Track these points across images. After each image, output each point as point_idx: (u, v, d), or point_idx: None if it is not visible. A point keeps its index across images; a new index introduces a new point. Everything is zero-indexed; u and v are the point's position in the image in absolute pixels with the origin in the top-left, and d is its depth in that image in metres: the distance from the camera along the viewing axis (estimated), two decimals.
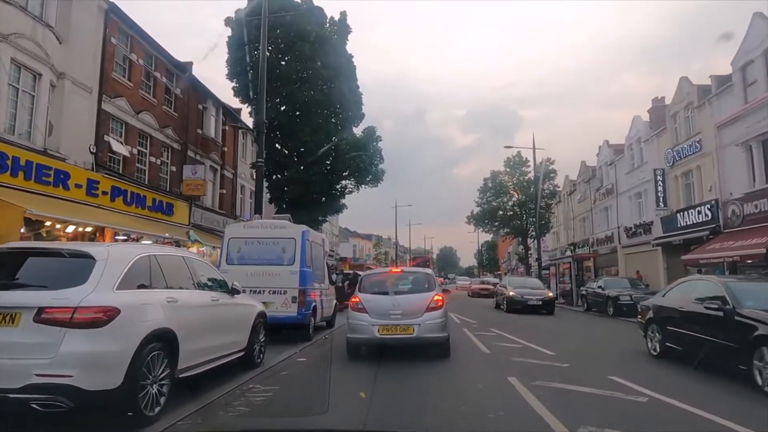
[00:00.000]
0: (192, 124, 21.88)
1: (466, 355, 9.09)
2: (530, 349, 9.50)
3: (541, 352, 9.07)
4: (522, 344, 10.21)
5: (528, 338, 10.94)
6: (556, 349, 9.44)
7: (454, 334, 10.09)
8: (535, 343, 10.14)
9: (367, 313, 8.43)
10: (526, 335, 11.59)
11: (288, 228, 10.91)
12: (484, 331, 12.67)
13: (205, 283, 6.18)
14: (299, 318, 10.30)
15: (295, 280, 10.37)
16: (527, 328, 13.77)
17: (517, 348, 9.80)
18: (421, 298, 8.61)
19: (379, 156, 22.90)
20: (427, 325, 8.27)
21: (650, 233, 27.21)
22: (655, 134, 26.76)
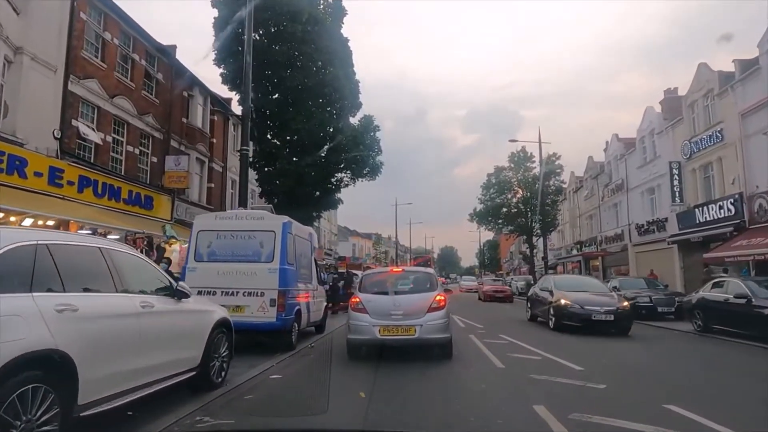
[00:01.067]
0: (176, 112, 20.38)
1: (475, 368, 7.59)
2: (552, 363, 7.97)
3: (566, 367, 7.55)
4: (541, 356, 8.67)
5: (546, 347, 9.41)
6: (583, 362, 7.91)
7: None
8: (556, 354, 8.62)
9: (367, 314, 8.21)
10: (542, 344, 10.08)
11: (267, 219, 9.39)
12: (493, 338, 11.14)
13: (134, 285, 4.66)
14: (279, 324, 8.79)
15: (273, 279, 8.86)
16: (541, 336, 12.26)
17: (535, 361, 8.27)
18: (422, 298, 8.39)
19: (377, 147, 21.37)
20: (429, 325, 8.05)
21: (664, 230, 25.69)
22: (670, 125, 25.22)
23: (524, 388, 6.28)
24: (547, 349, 9.20)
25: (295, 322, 9.57)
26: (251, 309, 8.81)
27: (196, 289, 8.76)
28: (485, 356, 8.71)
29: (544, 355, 8.66)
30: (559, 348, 9.58)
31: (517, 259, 79.36)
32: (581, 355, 8.93)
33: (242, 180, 15.07)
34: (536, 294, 15.71)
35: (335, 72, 20.58)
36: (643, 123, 28.57)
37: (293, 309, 9.35)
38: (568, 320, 12.68)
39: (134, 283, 4.67)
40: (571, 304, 12.69)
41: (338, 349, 10.24)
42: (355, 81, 22.18)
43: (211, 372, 5.91)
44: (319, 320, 12.01)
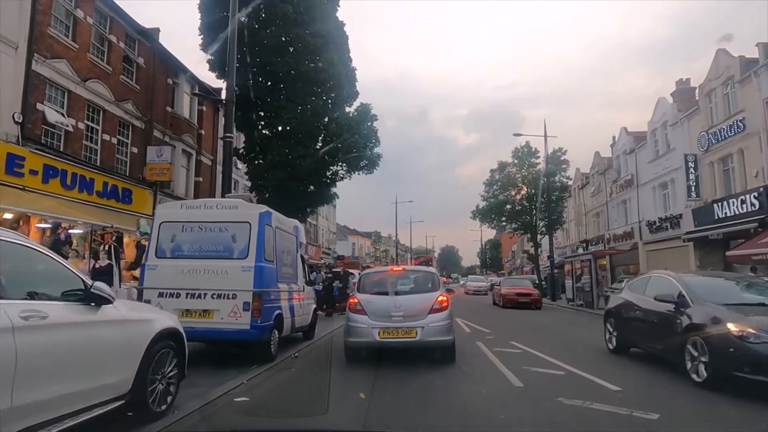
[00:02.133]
0: (159, 100, 19.03)
1: (488, 389, 6.24)
2: (580, 381, 6.61)
3: (598, 387, 6.19)
4: (563, 369, 7.31)
5: (567, 359, 8.05)
6: (617, 379, 6.56)
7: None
8: (581, 367, 7.26)
9: (366, 315, 7.84)
10: (559, 353, 8.72)
11: (241, 209, 8.03)
12: (504, 346, 9.80)
13: (16, 287, 3.31)
14: (254, 332, 7.44)
15: (248, 279, 7.52)
16: (556, 341, 10.92)
17: (558, 377, 6.90)
18: (424, 298, 8.01)
19: (374, 138, 19.98)
20: (431, 327, 7.69)
21: (679, 227, 24.30)
22: (685, 116, 23.84)
23: (553, 416, 4.93)
24: (569, 361, 7.83)
25: (275, 329, 8.22)
26: (221, 314, 7.47)
27: (156, 290, 7.51)
28: (497, 370, 7.33)
29: (567, 369, 7.29)
30: (582, 360, 8.21)
31: (520, 258, 78.03)
32: (611, 369, 7.57)
33: (226, 170, 13.87)
34: (636, 305, 8.45)
35: (330, 57, 19.22)
36: (655, 115, 27.20)
37: (272, 314, 8.00)
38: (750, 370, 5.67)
39: (17, 285, 3.31)
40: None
41: (327, 359, 8.92)
42: (352, 68, 20.83)
43: (151, 398, 4.56)
44: (307, 325, 10.66)
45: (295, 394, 6.55)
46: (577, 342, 11.17)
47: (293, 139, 19.08)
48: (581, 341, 11.23)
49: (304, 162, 18.55)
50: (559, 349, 9.45)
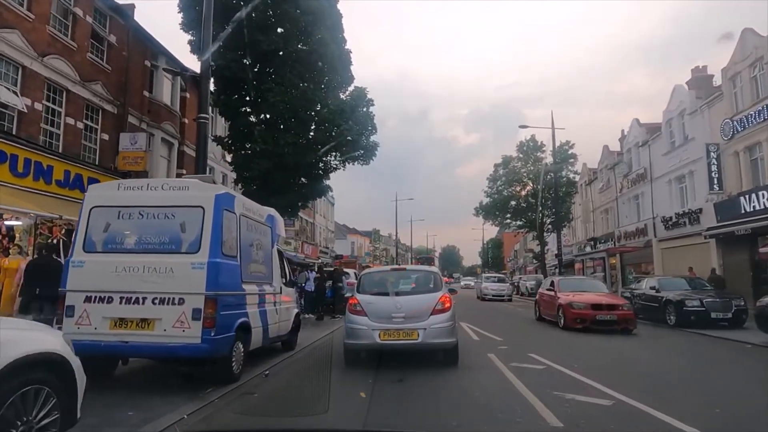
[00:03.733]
0: (135, 83, 17.38)
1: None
2: (637, 415, 4.93)
3: (666, 426, 4.52)
4: (610, 397, 5.61)
5: (605, 378, 6.37)
6: (688, 411, 4.87)
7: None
8: (631, 395, 5.58)
9: (366, 316, 7.57)
10: (592, 369, 7.05)
11: (193, 190, 6.35)
12: (522, 360, 8.14)
13: None
14: (205, 348, 5.78)
15: (199, 279, 5.87)
16: (582, 352, 9.25)
17: (607, 410, 5.20)
18: (426, 299, 7.73)
19: (371, 124, 18.27)
20: (433, 329, 7.42)
21: (698, 223, 22.64)
22: (706, 104, 22.16)
23: None
24: (610, 383, 6.15)
25: (239, 342, 6.55)
26: (164, 324, 5.81)
27: (82, 293, 5.86)
28: (521, 399, 5.65)
29: (613, 397, 5.60)
30: (627, 382, 6.53)
31: (523, 257, 76.27)
32: (671, 395, 5.90)
33: (200, 153, 12.19)
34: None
35: (322, 37, 17.54)
36: (671, 103, 25.51)
37: (233, 323, 6.34)
38: None
39: None
40: None
41: (306, 379, 7.28)
42: (346, 51, 19.11)
43: None
44: (286, 334, 8.98)
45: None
46: (608, 355, 9.45)
47: (281, 125, 17.41)
48: (612, 354, 9.55)
49: (293, 151, 16.87)
50: (590, 364, 7.78)
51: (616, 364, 8.23)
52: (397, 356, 7.65)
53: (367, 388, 6.20)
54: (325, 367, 8.18)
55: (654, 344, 11.13)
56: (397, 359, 7.60)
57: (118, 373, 6.80)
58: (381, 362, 7.49)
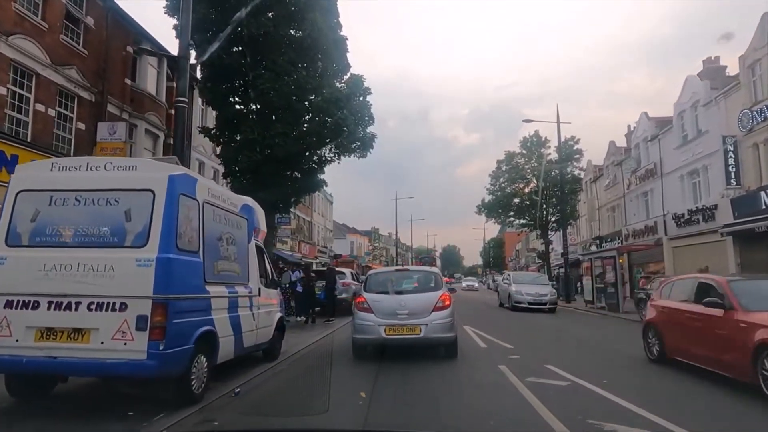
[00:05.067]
0: (115, 70, 16.26)
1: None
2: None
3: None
4: (662, 429, 4.47)
5: (646, 400, 5.23)
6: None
7: None
8: (673, 418, 4.45)
9: (372, 313, 8.14)
10: (626, 386, 5.92)
11: (142, 170, 5.21)
12: (540, 373, 7.02)
13: None
14: (152, 365, 4.66)
15: (145, 279, 4.75)
16: (606, 361, 8.12)
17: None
18: (427, 297, 8.32)
19: (368, 114, 17.11)
20: (434, 325, 8.00)
21: (713, 220, 21.48)
22: (722, 94, 20.99)
23: None
24: (652, 406, 5.01)
25: (201, 355, 5.42)
26: (101, 335, 4.69)
27: (1, 298, 4.74)
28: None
29: (664, 428, 4.45)
30: (673, 402, 5.39)
31: (525, 257, 75.13)
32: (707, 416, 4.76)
33: (177, 140, 11.18)
34: None
35: (315, 21, 16.39)
36: (683, 95, 24.34)
37: (192, 333, 5.21)
38: None
39: None
40: None
41: (289, 393, 6.17)
42: (341, 37, 17.98)
43: None
44: (267, 342, 7.84)
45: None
46: (639, 364, 8.30)
47: (272, 114, 16.28)
48: (642, 362, 8.40)
49: (284, 142, 15.73)
50: (621, 378, 6.64)
51: (652, 380, 7.08)
52: (398, 369, 6.55)
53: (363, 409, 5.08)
54: (312, 379, 7.07)
55: None
56: (398, 373, 6.49)
57: (60, 392, 5.67)
58: (378, 378, 6.39)
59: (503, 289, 23.43)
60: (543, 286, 22.03)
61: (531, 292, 21.04)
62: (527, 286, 21.69)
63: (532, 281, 23.06)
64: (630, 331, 13.78)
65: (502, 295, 23.86)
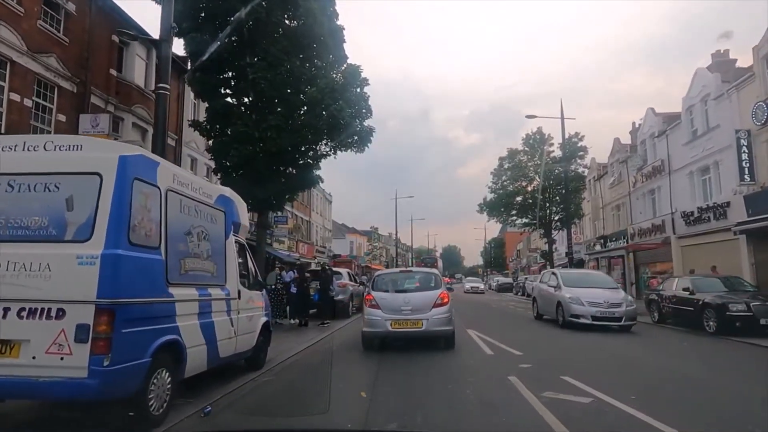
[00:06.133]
0: (99, 60, 15.46)
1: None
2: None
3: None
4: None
5: (689, 419, 4.42)
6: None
7: None
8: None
9: (380, 309, 9.13)
10: (654, 402, 5.11)
11: (88, 150, 4.39)
12: (556, 387, 6.21)
13: None
14: (94, 385, 3.85)
15: (88, 280, 3.95)
16: (627, 371, 7.32)
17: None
18: (428, 295, 9.31)
19: (365, 106, 16.28)
20: (434, 319, 9.00)
21: (725, 218, 20.69)
22: (734, 87, 20.16)
23: None
24: (691, 425, 4.20)
25: (163, 370, 4.60)
26: (33, 349, 3.88)
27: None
28: None
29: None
30: (705, 412, 4.58)
31: (526, 257, 74.25)
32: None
33: (158, 130, 10.37)
34: None
35: (309, 7, 15.58)
36: (693, 89, 23.50)
37: (149, 343, 4.39)
38: None
39: None
40: None
41: (269, 413, 5.36)
42: (338, 26, 17.16)
43: None
44: (250, 350, 7.01)
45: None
46: (664, 374, 7.48)
47: (264, 106, 15.47)
48: (668, 372, 7.58)
49: (277, 135, 14.92)
50: (650, 393, 5.81)
51: (685, 391, 6.26)
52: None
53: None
54: (298, 391, 6.26)
55: (713, 358, 9.13)
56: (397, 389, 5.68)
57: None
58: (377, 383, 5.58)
59: (546, 296, 15.84)
60: (612, 291, 14.12)
61: (596, 299, 13.42)
62: (587, 290, 13.93)
63: (594, 283, 14.79)
64: (644, 335, 12.96)
65: (542, 304, 16.28)
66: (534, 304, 17.43)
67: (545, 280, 16.90)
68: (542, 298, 16.39)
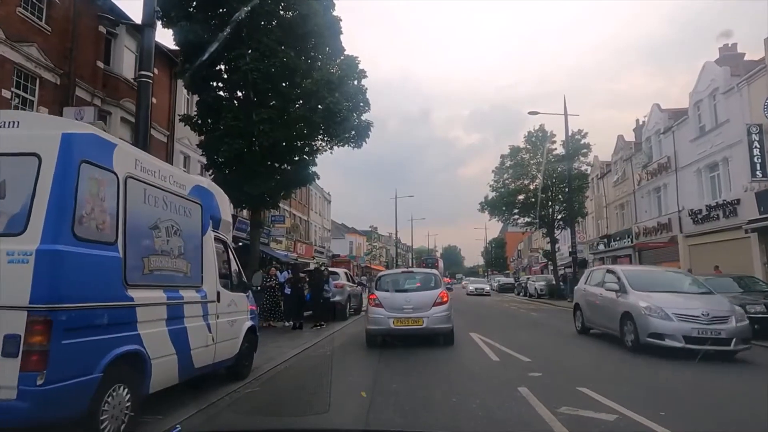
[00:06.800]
0: (85, 51, 14.82)
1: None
2: None
3: None
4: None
5: None
6: None
7: None
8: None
9: (383, 308, 9.63)
10: (701, 422, 4.47)
11: (25, 127, 3.73)
12: (574, 401, 5.55)
13: None
14: (24, 409, 3.17)
15: (20, 281, 3.28)
16: (654, 381, 6.66)
17: None
18: (429, 294, 9.82)
19: (363, 100, 15.61)
20: (434, 317, 9.48)
21: (735, 215, 20.04)
22: (745, 80, 19.50)
23: None
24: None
25: (122, 387, 3.93)
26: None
27: None
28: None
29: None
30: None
31: (527, 257, 73.53)
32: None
33: (140, 120, 9.79)
34: None
35: (307, 1, 14.92)
36: (700, 83, 22.84)
37: (100, 356, 3.74)
38: None
39: None
40: None
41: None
42: (334, 17, 16.47)
43: None
44: (231, 358, 6.34)
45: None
46: (700, 389, 6.80)
47: (258, 100, 14.80)
48: (708, 386, 6.90)
49: (270, 129, 14.25)
50: (682, 407, 5.14)
51: (723, 406, 5.60)
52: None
53: None
54: (287, 407, 5.60)
55: (733, 366, 8.45)
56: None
57: None
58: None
59: (600, 303, 11.15)
60: (708, 299, 9.46)
61: (688, 311, 8.85)
62: (669, 297, 9.45)
63: (673, 286, 10.33)
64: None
65: (593, 314, 11.69)
66: (577, 314, 12.62)
67: (597, 280, 12.00)
68: (592, 305, 11.63)
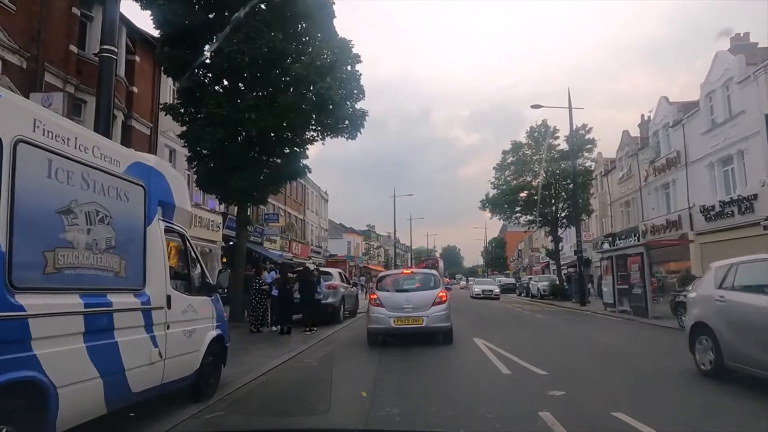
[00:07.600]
0: (55, 33, 13.73)
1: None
2: None
3: None
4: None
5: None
6: None
7: None
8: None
9: (384, 307, 9.92)
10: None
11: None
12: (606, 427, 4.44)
13: None
14: None
15: None
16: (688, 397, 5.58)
17: None
18: (428, 294, 10.12)
19: (357, 87, 14.50)
20: (434, 316, 9.77)
21: (751, 211, 19.01)
22: (762, 68, 18.43)
23: None
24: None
25: (5, 430, 2.80)
26: None
27: None
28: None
29: None
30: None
31: (528, 257, 72.46)
32: None
33: (102, 98, 8.67)
34: None
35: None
36: (712, 74, 21.77)
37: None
38: None
39: None
40: None
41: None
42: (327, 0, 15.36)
43: None
44: (192, 374, 5.22)
45: None
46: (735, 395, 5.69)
47: (242, 85, 13.70)
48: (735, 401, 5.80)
49: (257, 117, 13.15)
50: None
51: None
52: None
53: None
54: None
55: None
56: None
57: None
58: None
59: (743, 318, 6.03)
60: None
61: None
62: None
63: None
64: (673, 340, 11.17)
65: (744, 341, 5.98)
66: (702, 341, 6.85)
67: (741, 283, 6.48)
68: (748, 326, 6.02)
